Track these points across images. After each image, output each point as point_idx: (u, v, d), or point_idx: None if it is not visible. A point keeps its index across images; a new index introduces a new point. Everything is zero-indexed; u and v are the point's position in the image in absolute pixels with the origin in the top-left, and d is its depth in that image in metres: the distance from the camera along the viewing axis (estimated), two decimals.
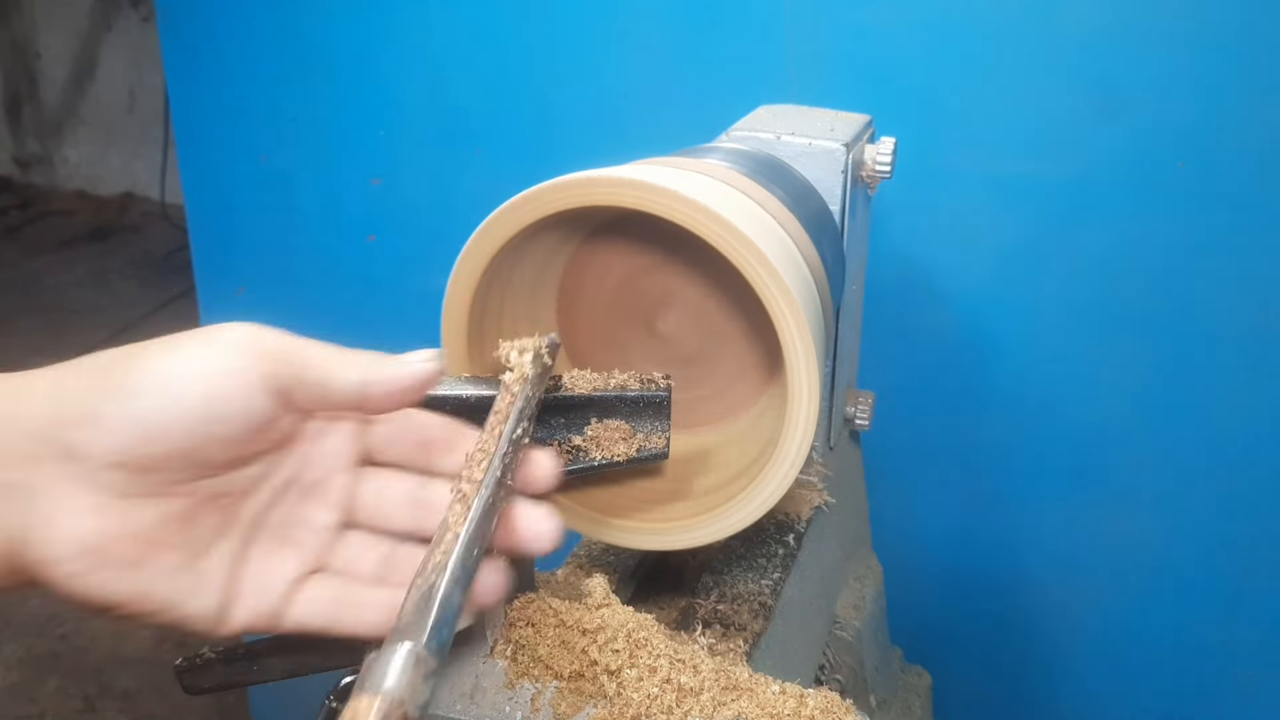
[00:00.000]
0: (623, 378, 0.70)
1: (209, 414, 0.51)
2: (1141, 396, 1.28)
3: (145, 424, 0.50)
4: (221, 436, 0.52)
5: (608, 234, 0.75)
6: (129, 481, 0.51)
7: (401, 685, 0.45)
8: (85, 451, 0.50)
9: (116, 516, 0.51)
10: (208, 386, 0.51)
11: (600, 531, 0.73)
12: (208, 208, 1.63)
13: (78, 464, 0.50)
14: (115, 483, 0.50)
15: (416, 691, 0.45)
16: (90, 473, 0.50)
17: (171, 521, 0.53)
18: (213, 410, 0.51)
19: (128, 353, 0.53)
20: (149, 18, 4.13)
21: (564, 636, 0.63)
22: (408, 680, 0.45)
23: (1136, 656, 1.39)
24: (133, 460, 0.50)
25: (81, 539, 0.50)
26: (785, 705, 0.61)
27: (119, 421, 0.50)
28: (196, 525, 0.54)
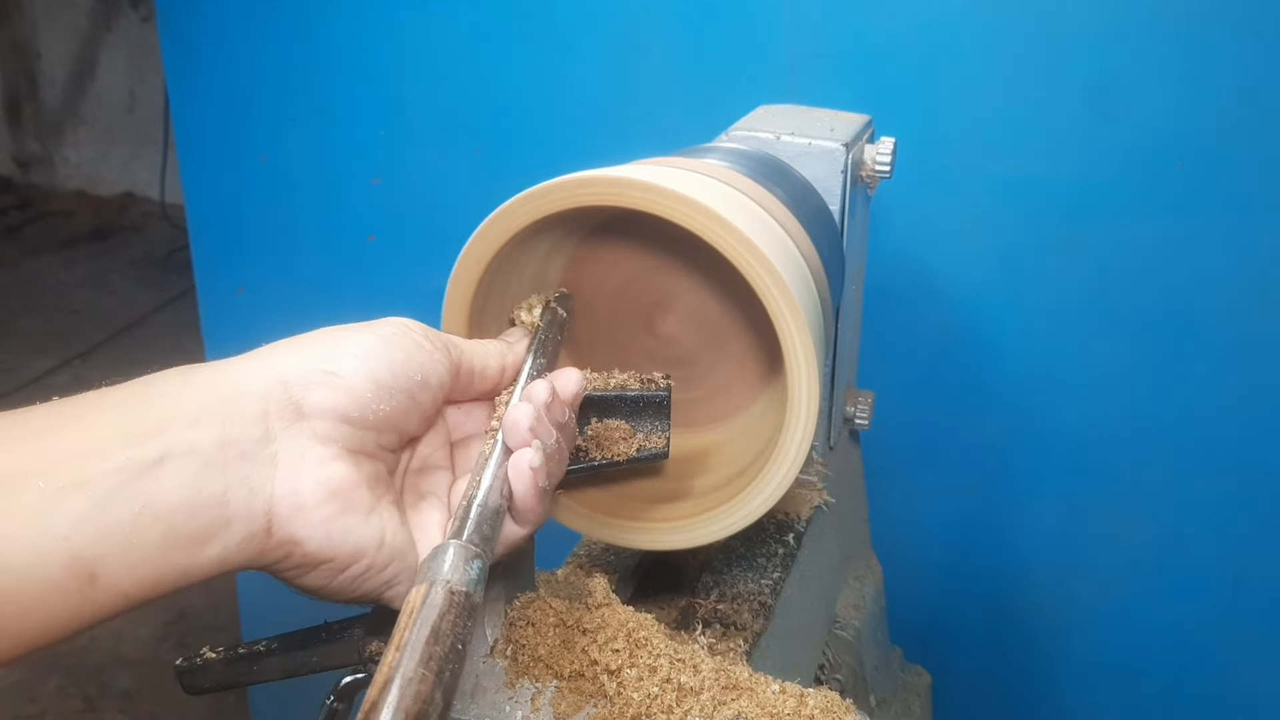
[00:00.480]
0: (623, 378, 0.70)
1: (422, 382, 0.58)
2: (1141, 396, 1.28)
3: (378, 381, 0.55)
4: (423, 405, 0.58)
5: (607, 234, 0.75)
6: (353, 436, 0.55)
7: (445, 570, 0.50)
8: (319, 407, 0.54)
9: (351, 465, 0.55)
10: (419, 360, 0.58)
11: (600, 531, 0.73)
12: (208, 208, 1.63)
13: (309, 420, 0.54)
14: (344, 436, 0.55)
15: (461, 573, 0.50)
16: (322, 428, 0.54)
17: (382, 479, 0.58)
18: (424, 379, 0.58)
19: (335, 331, 0.58)
20: (149, 18, 4.13)
21: (564, 636, 0.63)
22: (450, 565, 0.50)
23: (1135, 655, 1.40)
24: (363, 415, 0.55)
25: (328, 482, 0.54)
26: (785, 705, 0.61)
27: (356, 378, 0.55)
28: (391, 489, 0.59)
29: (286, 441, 0.53)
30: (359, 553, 0.55)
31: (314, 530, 0.53)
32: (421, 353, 0.58)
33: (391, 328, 0.58)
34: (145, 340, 3.50)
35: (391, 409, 0.56)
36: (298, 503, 0.53)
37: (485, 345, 0.64)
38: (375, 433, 0.56)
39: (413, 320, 0.60)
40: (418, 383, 0.57)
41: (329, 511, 0.53)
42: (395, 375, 0.56)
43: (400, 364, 0.57)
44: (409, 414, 0.57)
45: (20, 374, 3.34)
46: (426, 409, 0.59)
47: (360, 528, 0.55)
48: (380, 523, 0.56)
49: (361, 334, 0.57)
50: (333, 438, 0.54)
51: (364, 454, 0.56)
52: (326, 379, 0.54)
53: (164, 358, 2.09)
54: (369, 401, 0.55)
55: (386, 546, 0.56)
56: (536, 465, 0.58)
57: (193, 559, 0.50)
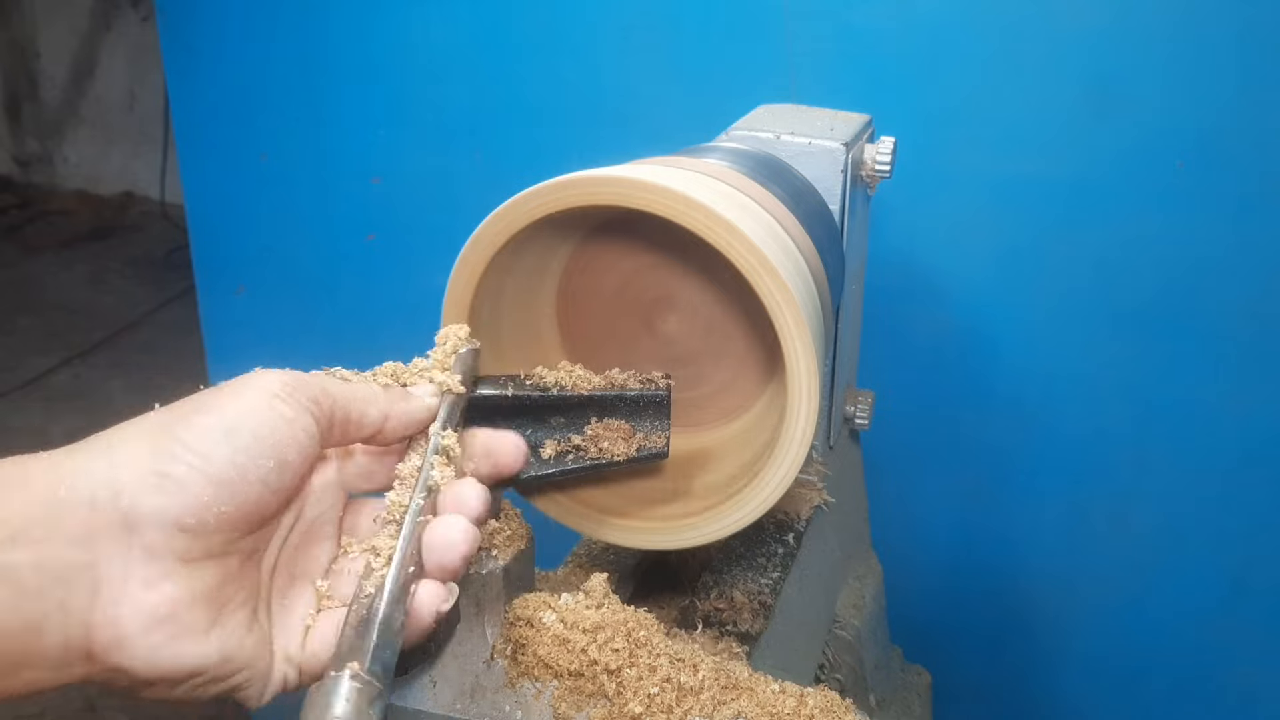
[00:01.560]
0: (623, 377, 0.70)
1: (277, 465, 0.52)
2: (1141, 396, 1.28)
3: (219, 482, 0.50)
4: (283, 486, 0.53)
5: (607, 234, 0.75)
6: (191, 545, 0.50)
7: (348, 713, 0.44)
8: (149, 518, 0.49)
9: (184, 581, 0.50)
10: (275, 438, 0.52)
11: (600, 531, 0.73)
12: (208, 207, 1.63)
13: (139, 533, 0.49)
14: (180, 548, 0.49)
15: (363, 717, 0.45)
16: (155, 541, 0.49)
17: (230, 581, 0.52)
18: (280, 461, 0.52)
19: (177, 414, 0.52)
20: (149, 17, 4.13)
21: (564, 635, 0.63)
22: (353, 707, 0.45)
23: (1135, 655, 1.40)
24: (201, 521, 0.50)
25: (156, 609, 0.49)
26: (785, 704, 0.61)
27: (192, 482, 0.49)
28: (246, 582, 0.54)
29: (109, 562, 0.48)
30: (195, 672, 0.50)
31: (138, 659, 0.48)
32: (277, 427, 0.52)
33: (246, 400, 0.52)
34: (145, 340, 3.49)
35: (238, 506, 0.51)
36: (118, 633, 0.48)
37: (367, 390, 0.59)
38: (222, 533, 0.51)
39: (276, 377, 0.54)
40: (270, 469, 0.51)
41: (155, 640, 0.49)
42: (240, 466, 0.50)
43: (247, 450, 0.51)
44: (263, 504, 0.52)
45: (20, 374, 3.34)
46: (288, 490, 0.54)
47: (194, 650, 0.50)
48: (221, 638, 0.51)
49: (204, 418, 0.51)
50: (166, 551, 0.49)
51: (208, 558, 0.51)
52: (159, 484, 0.49)
53: (164, 357, 2.08)
54: (208, 504, 0.49)
55: (230, 661, 0.51)
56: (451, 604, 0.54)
57: (3, 684, 0.47)
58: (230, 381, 0.54)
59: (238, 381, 0.54)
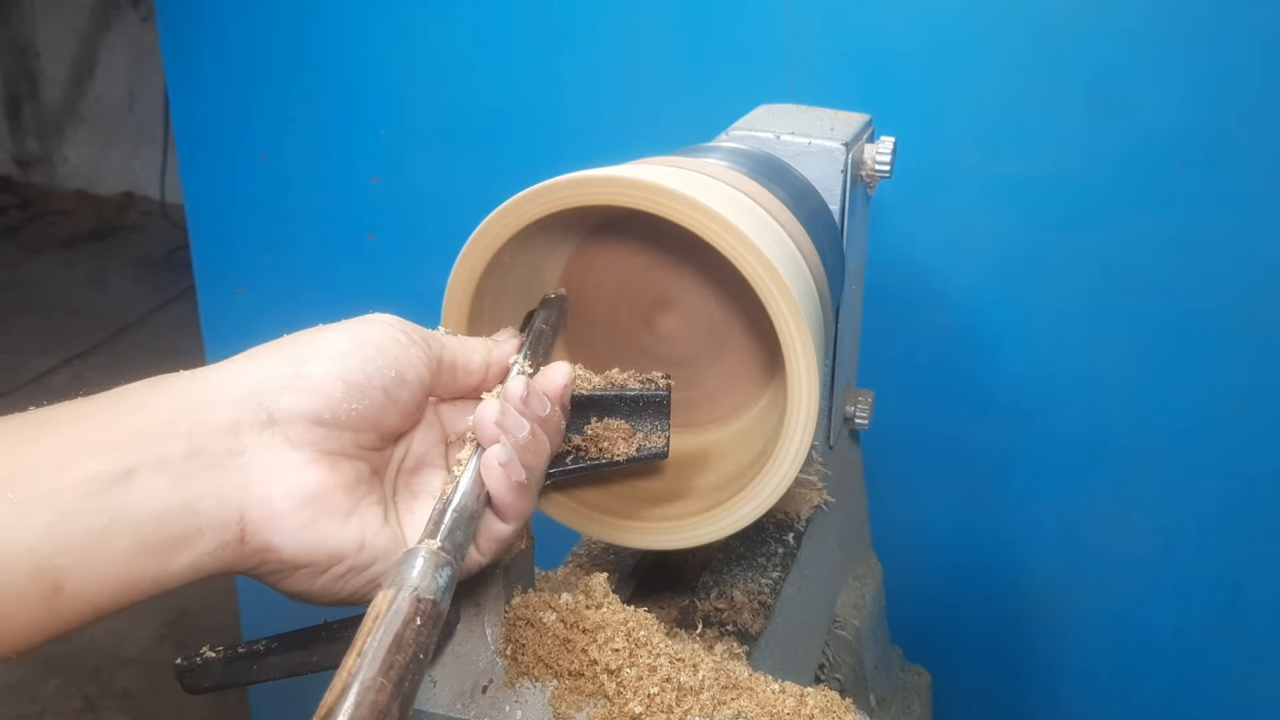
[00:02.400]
0: (623, 377, 0.70)
1: (398, 378, 0.57)
2: (1141, 396, 1.28)
3: (349, 381, 0.55)
4: (400, 402, 0.57)
5: (607, 233, 0.75)
6: (327, 438, 0.54)
7: (414, 576, 0.49)
8: (290, 412, 0.53)
9: (327, 469, 0.54)
10: (394, 356, 0.57)
11: (600, 531, 0.73)
12: (208, 207, 1.63)
13: (281, 426, 0.53)
14: (318, 440, 0.54)
15: (429, 580, 0.49)
16: (295, 433, 0.53)
17: (363, 482, 0.57)
18: (400, 375, 0.57)
19: (311, 333, 0.57)
20: (149, 17, 4.13)
21: (564, 635, 0.63)
22: (419, 572, 0.49)
23: (1135, 656, 1.40)
24: (335, 416, 0.54)
25: (302, 488, 0.53)
26: (785, 704, 0.61)
27: (326, 379, 0.54)
28: (375, 487, 0.58)
29: (258, 449, 0.53)
30: (337, 555, 0.54)
31: (288, 537, 0.53)
32: (398, 348, 0.57)
33: (367, 325, 0.58)
34: (145, 340, 3.49)
35: (365, 407, 0.55)
36: (270, 510, 0.52)
37: (469, 341, 0.64)
38: (351, 433, 0.56)
39: (393, 316, 0.60)
40: (392, 379, 0.56)
41: (303, 518, 0.53)
42: (368, 373, 0.55)
43: (373, 361, 0.56)
44: (386, 411, 0.57)
45: (20, 374, 3.34)
46: (406, 405, 0.58)
47: (337, 532, 0.54)
48: (360, 525, 0.55)
49: (333, 334, 0.57)
50: (306, 441, 0.54)
51: (341, 455, 0.56)
52: (296, 382, 0.54)
53: (164, 357, 2.09)
54: (340, 401, 0.54)
55: (368, 549, 0.55)
56: (504, 460, 0.57)
57: (163, 569, 0.50)
58: (362, 317, 0.59)
59: (366, 317, 0.59)
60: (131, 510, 0.49)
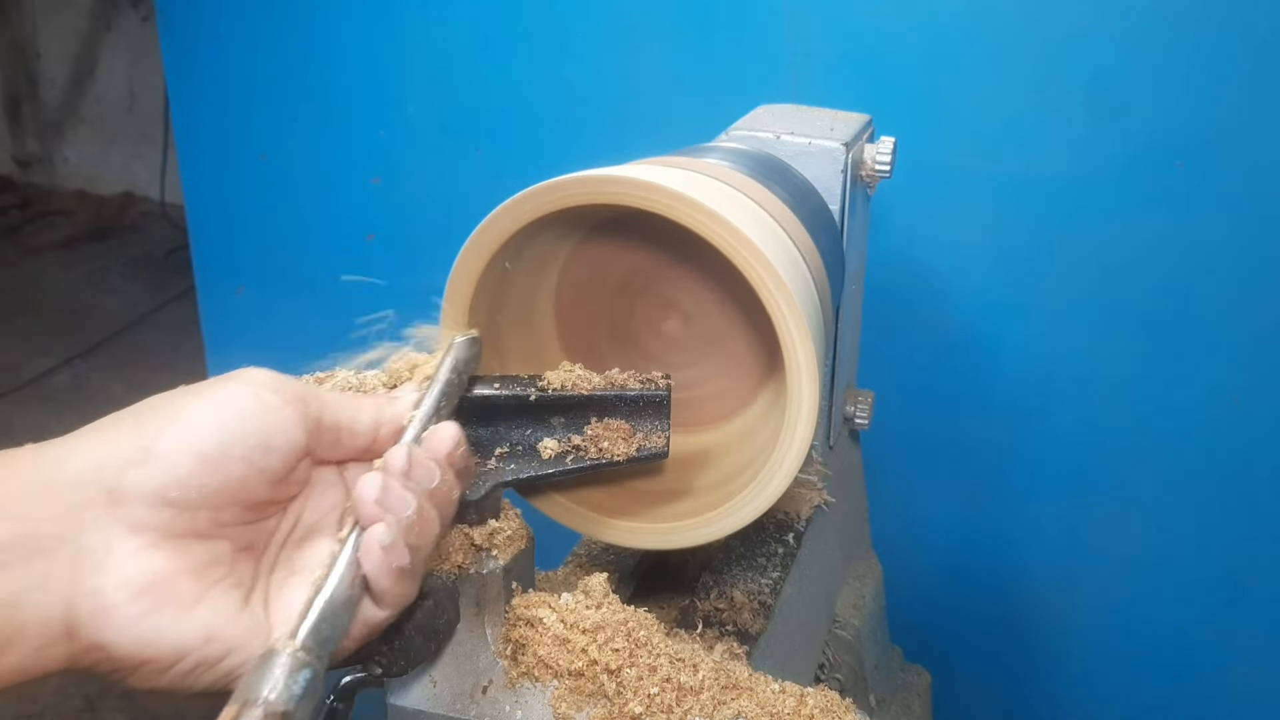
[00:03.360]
0: (623, 377, 0.70)
1: (261, 445, 0.52)
2: (1140, 396, 1.28)
3: (201, 454, 0.50)
4: (267, 471, 0.53)
5: (607, 233, 0.75)
6: (177, 520, 0.50)
7: (265, 690, 0.45)
8: (133, 491, 0.49)
9: (170, 554, 0.50)
10: (259, 421, 0.52)
11: (600, 531, 0.73)
12: (208, 208, 1.63)
13: (124, 507, 0.49)
14: (164, 522, 0.50)
15: (283, 689, 0.46)
16: (137, 514, 0.49)
17: (220, 563, 0.52)
18: (264, 441, 0.52)
19: (164, 398, 0.53)
20: (149, 18, 4.13)
21: (564, 636, 0.63)
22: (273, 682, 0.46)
23: (1135, 655, 1.39)
24: (184, 495, 0.50)
25: (138, 579, 0.49)
26: (785, 704, 0.61)
27: (176, 454, 0.50)
28: (239, 569, 0.54)
29: (93, 534, 0.48)
30: (180, 651, 0.49)
31: (121, 633, 0.48)
32: (264, 412, 0.52)
33: (229, 388, 0.53)
34: (145, 340, 3.49)
35: (221, 481, 0.51)
36: (100, 604, 0.47)
37: (355, 399, 0.59)
38: (208, 510, 0.51)
39: (265, 372, 0.55)
40: (254, 447, 0.52)
41: (137, 610, 0.48)
42: (223, 444, 0.51)
43: (231, 430, 0.51)
44: (249, 483, 0.52)
45: (20, 374, 3.34)
46: (276, 473, 0.53)
47: (178, 624, 0.49)
48: (208, 615, 0.50)
49: (187, 401, 0.52)
50: (150, 524, 0.49)
51: (193, 536, 0.51)
52: (142, 457, 0.49)
53: (164, 357, 2.08)
54: (189, 477, 0.50)
55: (216, 640, 0.50)
56: (386, 543, 0.52)
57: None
58: (229, 375, 0.55)
59: (234, 374, 0.55)
60: None
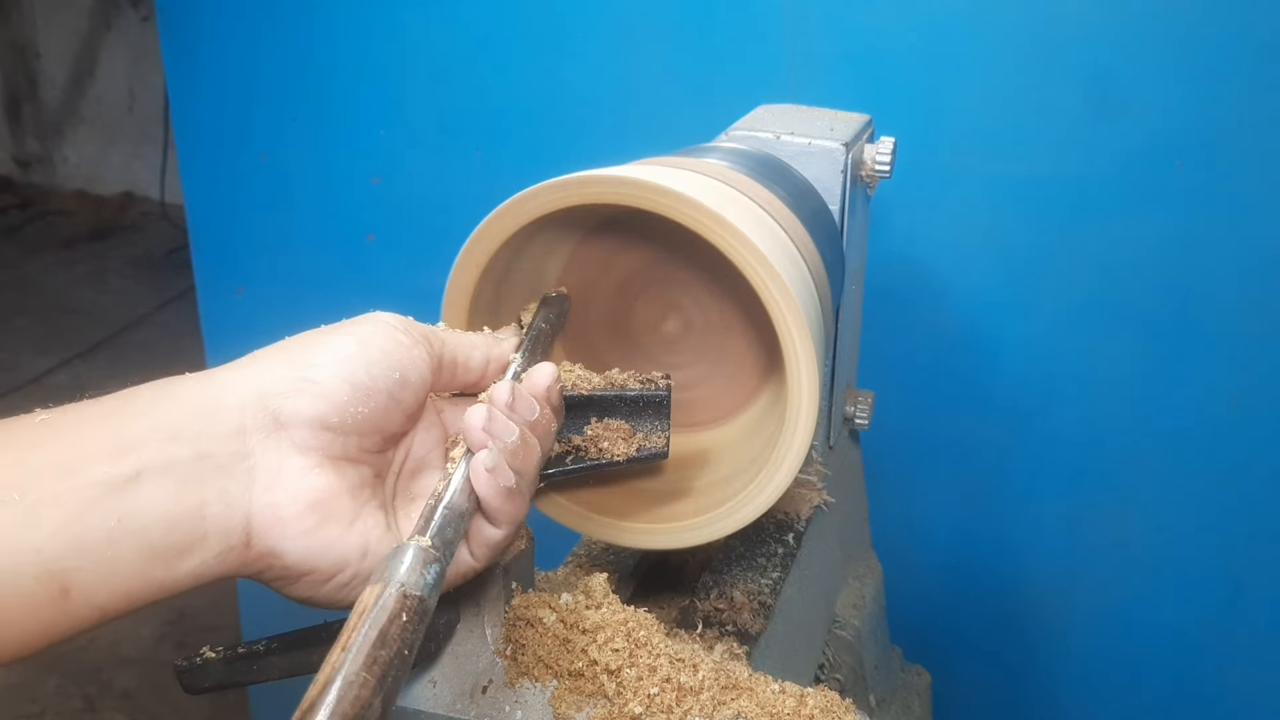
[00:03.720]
0: (623, 377, 0.70)
1: (401, 379, 0.57)
2: (1140, 396, 1.28)
3: (355, 384, 0.55)
4: (404, 403, 0.57)
5: (607, 233, 0.75)
6: (333, 443, 0.54)
7: (402, 572, 0.49)
8: (296, 415, 0.53)
9: (332, 474, 0.54)
10: (397, 357, 0.57)
11: (600, 531, 0.73)
12: (208, 207, 1.63)
13: (288, 430, 0.53)
14: (324, 444, 0.54)
15: (417, 575, 0.49)
16: (301, 437, 0.53)
17: (367, 484, 0.57)
18: (403, 375, 0.57)
19: (314, 334, 0.57)
20: (149, 18, 4.13)
21: (564, 636, 0.63)
22: (407, 568, 0.49)
23: (1135, 656, 1.39)
24: (341, 420, 0.54)
25: (308, 494, 0.53)
26: (785, 704, 0.61)
27: (332, 382, 0.54)
28: (379, 492, 0.58)
29: (264, 454, 0.53)
30: (341, 563, 0.54)
31: (293, 543, 0.53)
32: (400, 349, 0.57)
33: (369, 325, 0.58)
34: (145, 340, 3.49)
35: (371, 410, 0.55)
36: (275, 516, 0.52)
37: (469, 336, 0.64)
38: (357, 436, 0.56)
39: (392, 315, 0.60)
40: (396, 380, 0.57)
41: (308, 524, 0.53)
42: (373, 376, 0.55)
43: (377, 363, 0.56)
44: (390, 414, 0.57)
45: (20, 374, 3.34)
46: (409, 406, 0.58)
47: (341, 539, 0.54)
48: (364, 531, 0.55)
49: (337, 335, 0.57)
50: (312, 446, 0.54)
51: (346, 460, 0.56)
52: (303, 386, 0.54)
53: (163, 357, 2.07)
54: (346, 405, 0.54)
55: (371, 555, 0.55)
56: (491, 466, 0.56)
57: (169, 572, 0.50)
58: (362, 316, 0.59)
59: (366, 316, 0.59)
60: (138, 514, 0.49)
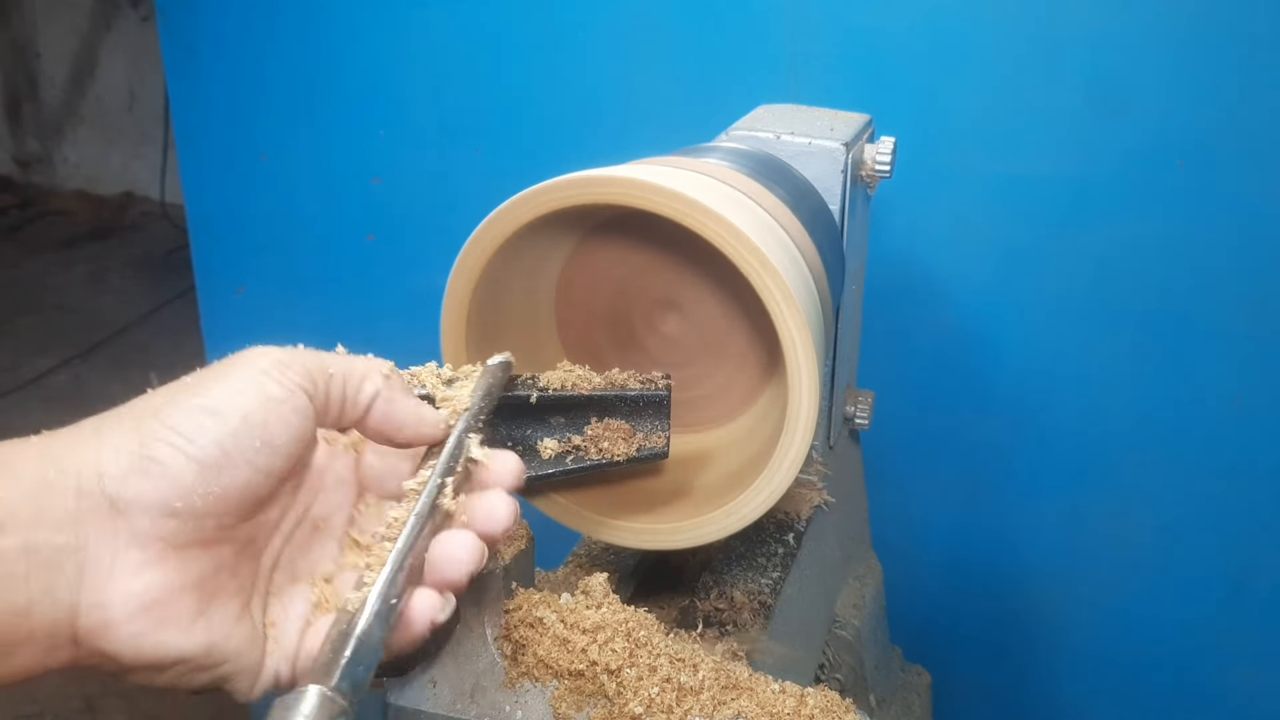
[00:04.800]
0: (623, 377, 0.70)
1: (266, 446, 0.50)
2: (1141, 396, 1.28)
3: (204, 462, 0.49)
4: (273, 468, 0.51)
5: (607, 233, 0.75)
6: (181, 530, 0.49)
7: None
8: (136, 502, 0.48)
9: (175, 568, 0.49)
10: (261, 418, 0.50)
11: (600, 531, 0.73)
12: (208, 207, 1.63)
13: (127, 518, 0.48)
14: (169, 533, 0.49)
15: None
16: (142, 526, 0.48)
17: (223, 570, 0.52)
18: (268, 442, 0.51)
19: (165, 397, 0.51)
20: (149, 18, 4.13)
21: (564, 636, 0.63)
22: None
23: (1135, 655, 1.39)
24: (188, 505, 0.49)
25: (141, 596, 0.48)
26: (785, 704, 0.61)
27: (176, 461, 0.48)
28: (240, 572, 0.53)
29: (97, 546, 0.48)
30: (179, 659, 0.50)
31: (123, 645, 0.48)
32: (265, 408, 0.51)
33: (233, 379, 0.51)
34: (145, 340, 3.49)
35: (225, 487, 0.49)
36: (103, 618, 0.48)
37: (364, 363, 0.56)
38: (213, 517, 0.50)
39: (267, 354, 0.53)
40: (257, 450, 0.50)
41: (139, 627, 0.48)
42: (226, 449, 0.49)
43: (235, 432, 0.49)
44: (253, 486, 0.51)
45: (20, 374, 3.34)
46: (280, 471, 0.52)
47: (179, 641, 0.49)
48: (207, 629, 0.50)
49: (190, 398, 0.50)
50: (153, 535, 0.48)
51: (199, 544, 0.50)
52: (144, 465, 0.48)
53: (163, 357, 2.08)
54: (193, 487, 0.48)
55: (215, 652, 0.51)
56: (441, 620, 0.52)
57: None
58: (223, 360, 0.53)
59: (229, 360, 0.53)
60: None
